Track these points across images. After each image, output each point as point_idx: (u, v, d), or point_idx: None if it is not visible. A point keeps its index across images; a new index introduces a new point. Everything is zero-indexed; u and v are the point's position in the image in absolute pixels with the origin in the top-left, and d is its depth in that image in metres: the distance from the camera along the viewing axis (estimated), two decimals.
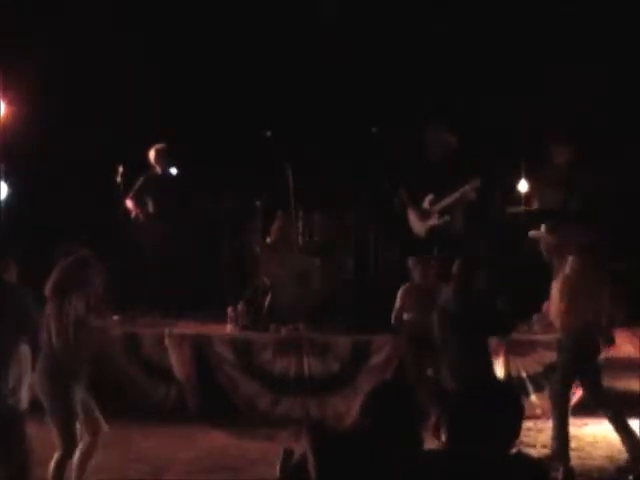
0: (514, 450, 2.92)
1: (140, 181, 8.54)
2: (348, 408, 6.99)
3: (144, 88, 9.32)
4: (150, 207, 8.55)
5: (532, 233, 6.35)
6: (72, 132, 9.03)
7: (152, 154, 8.56)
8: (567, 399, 6.01)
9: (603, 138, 8.40)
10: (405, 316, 6.78)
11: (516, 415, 2.89)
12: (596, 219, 7.75)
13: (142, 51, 9.37)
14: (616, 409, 6.05)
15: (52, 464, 5.05)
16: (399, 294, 6.85)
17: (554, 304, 6.14)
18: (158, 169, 8.59)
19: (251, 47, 9.38)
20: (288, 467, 3.07)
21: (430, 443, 5.76)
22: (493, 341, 6.87)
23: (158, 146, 8.57)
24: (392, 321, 6.85)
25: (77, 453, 5.13)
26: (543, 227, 6.34)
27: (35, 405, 5.10)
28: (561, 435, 5.90)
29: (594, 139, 8.26)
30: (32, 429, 4.97)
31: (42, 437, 5.13)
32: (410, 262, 6.94)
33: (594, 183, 7.79)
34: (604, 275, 6.22)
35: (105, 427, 5.22)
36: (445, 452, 2.87)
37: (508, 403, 2.88)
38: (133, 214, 8.54)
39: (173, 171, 8.61)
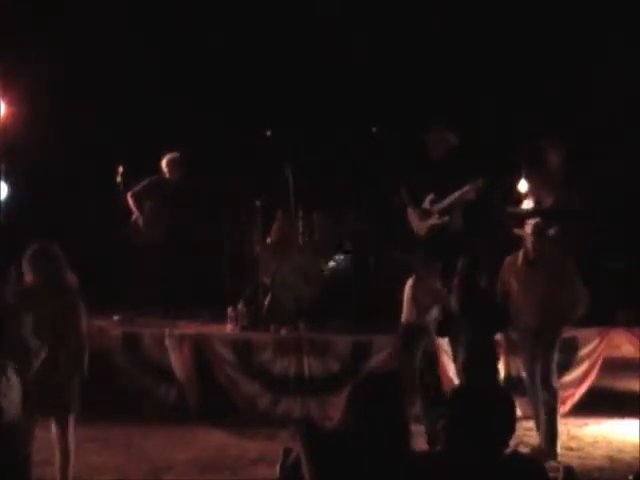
0: (510, 450, 2.91)
1: (145, 182, 8.51)
2: None
3: (144, 88, 9.33)
4: (150, 209, 8.53)
5: (517, 230, 6.48)
6: (72, 132, 9.04)
7: (164, 162, 8.54)
8: None
9: (602, 138, 8.41)
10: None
11: (509, 415, 2.89)
12: (594, 219, 7.76)
13: (142, 51, 9.37)
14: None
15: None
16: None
17: (540, 301, 6.16)
18: (167, 175, 8.58)
19: (251, 47, 9.38)
20: (285, 466, 3.06)
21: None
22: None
23: (170, 155, 8.52)
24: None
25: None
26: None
27: None
28: (555, 431, 5.99)
29: (592, 139, 8.27)
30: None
31: (42, 437, 5.14)
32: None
33: (591, 183, 7.80)
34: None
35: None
36: (442, 454, 2.85)
37: (501, 403, 2.88)
38: (134, 216, 8.53)
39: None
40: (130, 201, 8.50)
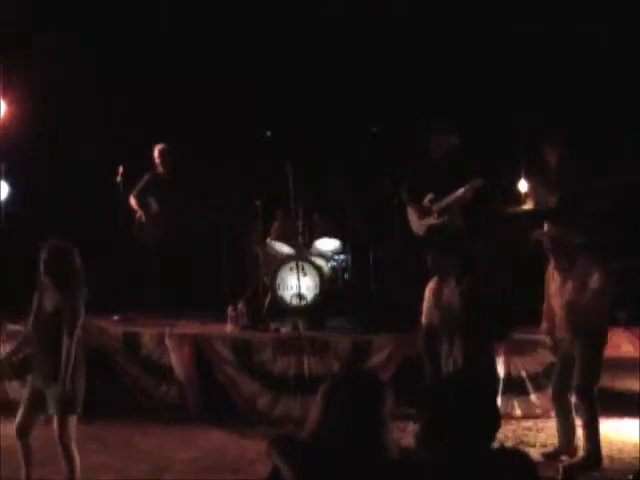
0: (498, 445, 2.89)
1: (143, 180, 8.55)
2: None
3: (144, 88, 9.33)
4: (152, 207, 8.55)
5: (537, 233, 6.40)
6: (72, 132, 9.05)
7: (155, 154, 8.57)
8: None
9: (600, 137, 8.42)
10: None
11: (493, 408, 2.88)
12: (593, 219, 7.76)
13: (142, 51, 9.38)
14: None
15: None
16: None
17: (571, 304, 6.05)
18: (160, 169, 8.59)
19: (251, 46, 9.39)
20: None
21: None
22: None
23: (159, 146, 8.57)
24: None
25: None
26: (546, 225, 6.38)
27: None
28: (597, 437, 5.87)
29: (590, 139, 8.27)
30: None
31: (42, 437, 5.14)
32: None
33: (590, 183, 7.80)
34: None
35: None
36: (428, 453, 2.80)
37: (484, 397, 2.85)
38: (137, 215, 8.53)
39: None
40: (133, 202, 8.52)
